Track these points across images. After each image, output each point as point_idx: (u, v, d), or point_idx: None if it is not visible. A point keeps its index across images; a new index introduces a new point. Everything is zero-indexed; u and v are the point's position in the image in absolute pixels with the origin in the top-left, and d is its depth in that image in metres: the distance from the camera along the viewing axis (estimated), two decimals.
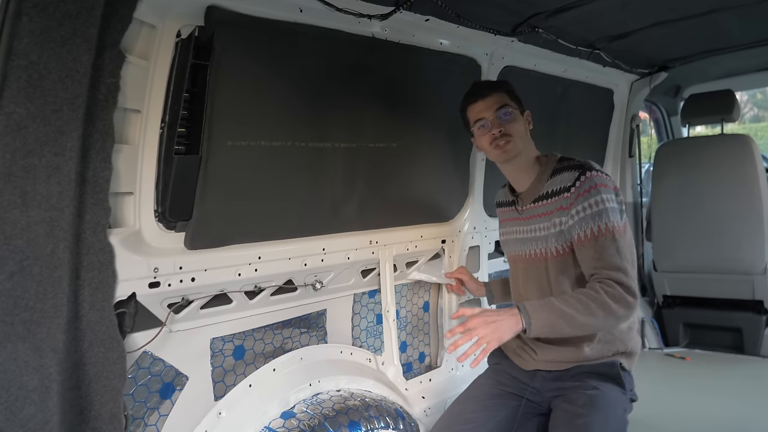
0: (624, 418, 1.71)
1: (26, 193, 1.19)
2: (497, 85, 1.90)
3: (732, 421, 2.40)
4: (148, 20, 1.42)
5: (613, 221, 1.66)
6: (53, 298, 1.24)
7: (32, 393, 1.19)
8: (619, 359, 1.76)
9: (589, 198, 1.68)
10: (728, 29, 2.61)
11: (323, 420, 1.68)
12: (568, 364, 1.76)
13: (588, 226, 1.67)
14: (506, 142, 1.79)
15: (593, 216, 1.67)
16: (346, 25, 1.82)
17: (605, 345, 1.75)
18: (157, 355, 1.60)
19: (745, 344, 3.32)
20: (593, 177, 1.70)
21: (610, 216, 1.66)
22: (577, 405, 1.66)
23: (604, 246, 1.65)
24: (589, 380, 1.72)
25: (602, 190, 1.68)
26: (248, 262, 1.74)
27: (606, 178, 1.72)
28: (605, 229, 1.66)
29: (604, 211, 1.66)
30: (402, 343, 2.38)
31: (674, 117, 4.19)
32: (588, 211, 1.68)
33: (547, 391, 1.80)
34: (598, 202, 1.67)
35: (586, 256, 1.68)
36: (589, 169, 1.73)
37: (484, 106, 1.83)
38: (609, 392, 1.69)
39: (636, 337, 1.84)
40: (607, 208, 1.67)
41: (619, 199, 1.74)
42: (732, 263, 3.26)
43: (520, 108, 1.87)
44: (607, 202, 1.68)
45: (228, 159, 1.62)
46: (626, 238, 1.71)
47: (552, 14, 2.12)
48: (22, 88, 1.15)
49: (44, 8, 1.15)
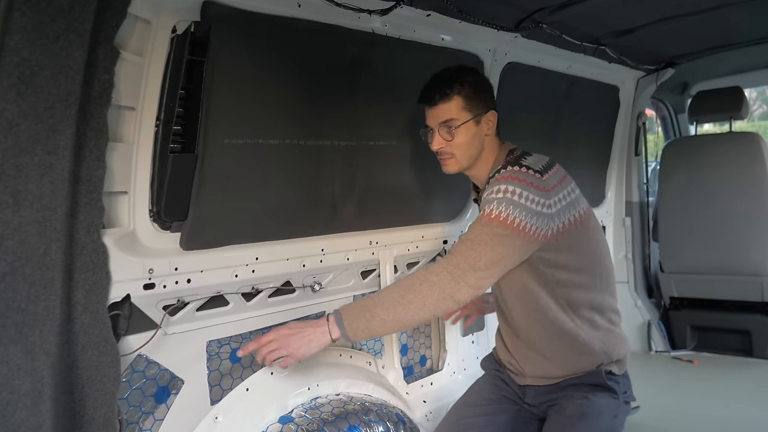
0: (615, 423, 1.71)
1: (18, 192, 1.18)
2: (449, 91, 1.73)
3: (740, 425, 2.40)
4: (143, 15, 1.42)
5: (490, 209, 1.58)
6: (46, 300, 1.23)
7: (24, 397, 1.19)
8: (606, 368, 1.74)
9: (491, 187, 1.64)
10: (737, 24, 2.60)
11: (322, 425, 1.68)
12: (555, 379, 1.76)
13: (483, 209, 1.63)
14: (448, 157, 1.77)
15: (484, 202, 1.63)
16: (346, 20, 1.82)
17: (588, 357, 1.73)
18: (152, 359, 1.59)
19: (753, 347, 3.32)
20: (510, 171, 1.63)
21: (492, 204, 1.59)
22: (565, 415, 1.69)
23: (467, 233, 1.62)
24: (579, 391, 1.72)
25: (508, 182, 1.60)
26: (245, 263, 1.74)
27: (526, 173, 1.61)
28: (481, 215, 1.61)
29: (489, 201, 1.61)
30: (403, 346, 2.38)
31: (681, 114, 4.19)
32: (484, 196, 1.65)
33: (541, 403, 1.81)
34: (493, 192, 1.62)
35: None
36: (512, 164, 1.66)
37: (430, 114, 1.78)
38: (598, 400, 1.70)
39: (620, 343, 1.80)
40: (492, 198, 1.59)
41: (537, 199, 1.59)
42: (741, 264, 3.26)
43: (476, 112, 1.74)
44: (499, 193, 1.59)
45: (225, 157, 1.62)
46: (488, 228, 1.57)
47: (556, 9, 2.12)
48: (14, 85, 1.15)
49: (36, 3, 1.15)
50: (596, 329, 1.73)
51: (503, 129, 1.86)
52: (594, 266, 1.76)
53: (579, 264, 1.71)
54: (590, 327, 1.72)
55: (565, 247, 1.67)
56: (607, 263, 1.81)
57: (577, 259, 1.71)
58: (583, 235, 1.72)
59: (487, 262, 1.57)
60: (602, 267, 1.78)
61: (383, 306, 1.57)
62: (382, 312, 1.56)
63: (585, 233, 1.72)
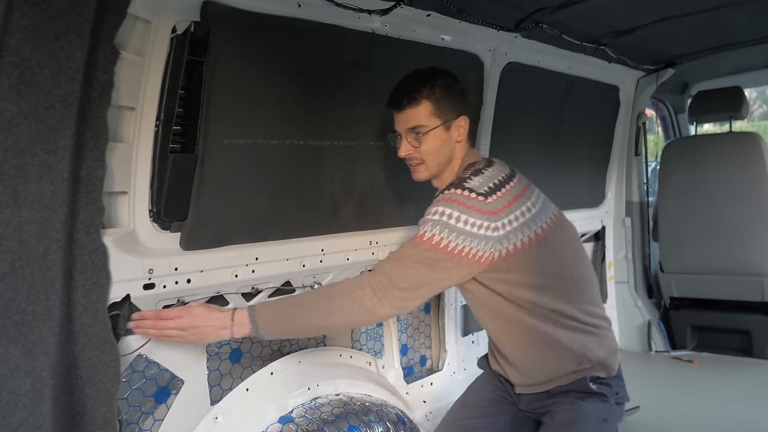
0: (604, 427, 1.70)
1: (18, 192, 1.19)
2: (417, 95, 1.67)
3: (740, 425, 2.40)
4: (143, 15, 1.42)
5: (424, 230, 1.55)
6: (46, 300, 1.23)
7: (24, 397, 1.19)
8: (592, 374, 1.69)
9: (431, 207, 1.60)
10: (737, 24, 2.60)
11: (322, 425, 1.68)
12: (542, 386, 1.74)
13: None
14: (417, 164, 1.72)
15: (421, 222, 1.60)
16: (346, 20, 1.82)
17: (567, 363, 1.68)
18: (151, 359, 1.60)
19: (753, 347, 3.33)
20: (450, 193, 1.58)
21: (426, 226, 1.55)
22: (554, 422, 1.69)
23: (397, 251, 1.60)
24: (568, 397, 1.71)
25: (446, 204, 1.56)
26: (245, 263, 1.74)
27: (467, 197, 1.55)
28: (415, 236, 1.57)
29: (425, 222, 1.58)
30: (403, 346, 2.38)
31: (681, 114, 4.19)
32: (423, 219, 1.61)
33: (535, 409, 1.80)
34: (430, 213, 1.58)
35: None
36: (456, 185, 1.60)
37: (398, 119, 1.72)
38: (586, 406, 1.68)
39: (603, 345, 1.73)
40: (427, 220, 1.56)
41: (479, 223, 1.53)
42: (741, 264, 3.26)
43: (446, 118, 1.68)
44: (435, 215, 1.55)
45: (224, 157, 1.62)
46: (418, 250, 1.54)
47: (556, 9, 2.12)
48: (14, 85, 1.15)
49: (36, 3, 1.15)
50: (571, 332, 1.67)
51: (504, 129, 1.85)
52: (559, 281, 1.68)
53: (539, 282, 1.63)
54: (565, 332, 1.66)
55: (519, 268, 1.59)
56: (580, 272, 1.74)
57: (536, 278, 1.63)
58: (544, 252, 1.63)
59: (412, 284, 1.53)
60: (571, 279, 1.71)
61: (303, 311, 1.55)
62: (300, 318, 1.55)
63: (546, 250, 1.64)
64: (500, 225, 1.55)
